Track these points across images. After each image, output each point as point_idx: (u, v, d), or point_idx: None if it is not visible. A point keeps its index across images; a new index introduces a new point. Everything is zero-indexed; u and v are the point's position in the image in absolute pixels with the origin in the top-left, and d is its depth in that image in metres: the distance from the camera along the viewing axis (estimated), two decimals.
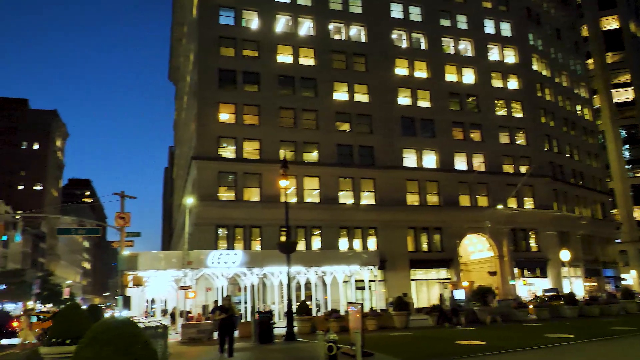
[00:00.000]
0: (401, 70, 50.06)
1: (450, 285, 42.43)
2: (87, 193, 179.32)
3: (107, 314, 44.25)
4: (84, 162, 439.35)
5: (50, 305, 78.23)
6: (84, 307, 14.89)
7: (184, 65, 61.25)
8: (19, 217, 30.40)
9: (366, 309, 31.19)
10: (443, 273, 46.54)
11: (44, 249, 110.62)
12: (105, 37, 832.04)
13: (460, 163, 49.63)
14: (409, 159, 47.96)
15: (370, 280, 39.12)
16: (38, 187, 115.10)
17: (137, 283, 26.85)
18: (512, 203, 49.45)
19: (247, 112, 43.67)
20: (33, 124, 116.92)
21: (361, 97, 47.73)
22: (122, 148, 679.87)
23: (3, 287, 69.07)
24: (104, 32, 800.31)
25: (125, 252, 24.59)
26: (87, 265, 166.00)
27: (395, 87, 48.97)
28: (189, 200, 37.34)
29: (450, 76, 51.93)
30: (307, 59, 46.94)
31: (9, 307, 66.87)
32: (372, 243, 44.38)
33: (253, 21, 46.33)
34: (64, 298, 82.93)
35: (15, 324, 27.21)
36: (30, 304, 73.84)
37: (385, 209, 44.82)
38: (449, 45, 52.99)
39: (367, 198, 45.63)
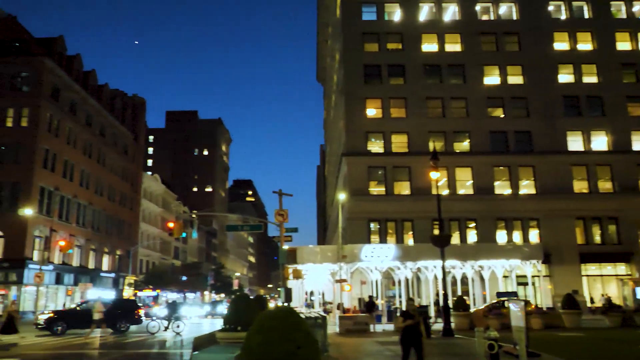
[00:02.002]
0: (560, 44, 45.53)
1: (631, 283, 37.47)
2: (250, 192, 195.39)
3: (271, 304, 47.64)
4: (246, 164, 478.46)
5: (222, 295, 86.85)
6: (251, 297, 16.09)
7: (330, 65, 63.13)
8: (194, 216, 34.30)
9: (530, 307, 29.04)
10: (621, 268, 41.30)
11: (215, 244, 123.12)
12: (258, 48, 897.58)
13: (638, 143, 43.51)
14: (574, 142, 43.43)
15: (533, 276, 36.30)
16: (208, 189, 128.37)
17: (297, 276, 28.33)
18: None
19: (394, 105, 43.52)
20: (202, 132, 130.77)
21: (515, 78, 44.53)
22: (277, 149, 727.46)
23: (184, 278, 78.39)
24: (256, 43, 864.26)
25: (285, 247, 26.05)
26: (252, 259, 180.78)
27: (554, 64, 44.71)
28: (341, 196, 38.39)
29: (622, 44, 45.76)
30: (453, 45, 45.20)
31: (190, 295, 75.69)
32: (534, 235, 41.17)
33: (395, 13, 46.00)
34: (233, 289, 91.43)
35: (141, 311, 30.18)
36: (206, 293, 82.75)
37: (548, 197, 41.21)
38: (619, 9, 46.76)
39: (526, 187, 42.45)
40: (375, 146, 43.12)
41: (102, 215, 58.05)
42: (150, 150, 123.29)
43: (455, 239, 38.42)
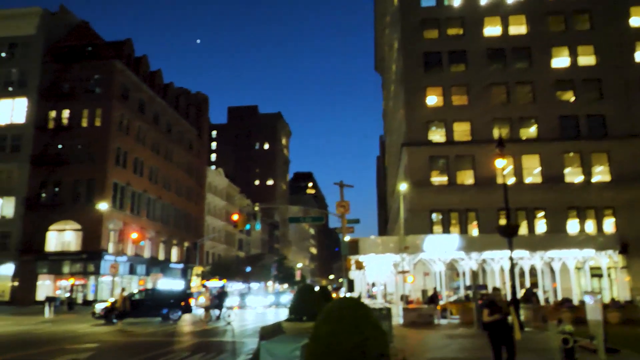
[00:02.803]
0: (638, 20, 42.46)
1: None
2: (310, 185, 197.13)
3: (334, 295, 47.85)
4: (305, 156, 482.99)
5: (285, 285, 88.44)
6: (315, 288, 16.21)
7: (389, 55, 62.28)
8: (257, 208, 35.16)
9: (606, 300, 27.58)
10: None
11: (277, 236, 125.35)
12: (315, 41, 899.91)
13: None
14: None
15: (609, 267, 34.37)
16: (270, 182, 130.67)
17: (359, 267, 28.34)
18: None
19: (455, 93, 42.34)
20: (262, 126, 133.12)
21: (586, 59, 42.05)
22: (337, 141, 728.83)
23: (249, 269, 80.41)
24: (313, 36, 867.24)
25: (347, 238, 26.09)
26: (313, 251, 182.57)
27: (630, 42, 41.76)
28: (402, 187, 37.93)
29: None
30: (518, 27, 43.28)
31: (254, 286, 77.62)
32: (609, 225, 38.89)
33: None
34: (296, 280, 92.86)
35: (192, 301, 30.77)
36: (269, 284, 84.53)
37: (625, 185, 38.72)
38: None
39: (600, 174, 40.11)
40: (437, 135, 42.16)
41: (171, 209, 60.54)
42: (214, 145, 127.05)
43: (522, 229, 36.94)
